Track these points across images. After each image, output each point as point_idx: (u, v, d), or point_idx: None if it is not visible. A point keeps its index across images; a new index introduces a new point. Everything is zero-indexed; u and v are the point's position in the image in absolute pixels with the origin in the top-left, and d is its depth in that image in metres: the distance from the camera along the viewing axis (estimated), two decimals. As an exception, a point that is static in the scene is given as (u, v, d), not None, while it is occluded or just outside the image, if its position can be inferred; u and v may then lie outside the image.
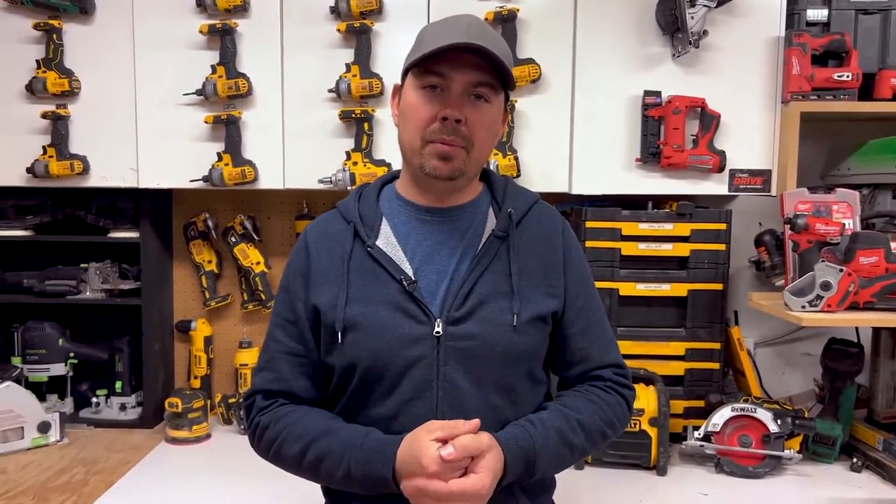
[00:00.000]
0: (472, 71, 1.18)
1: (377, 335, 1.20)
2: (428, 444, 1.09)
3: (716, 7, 1.97)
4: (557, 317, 1.29)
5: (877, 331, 2.16)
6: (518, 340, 1.23)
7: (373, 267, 1.23)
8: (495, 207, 1.31)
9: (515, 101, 2.04)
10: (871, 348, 2.19)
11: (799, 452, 2.02)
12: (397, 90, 1.28)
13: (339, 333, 1.20)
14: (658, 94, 2.03)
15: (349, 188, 2.02)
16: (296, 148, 2.07)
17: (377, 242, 1.25)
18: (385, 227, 1.27)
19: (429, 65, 1.17)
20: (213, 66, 2.03)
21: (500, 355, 1.21)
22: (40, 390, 2.27)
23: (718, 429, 1.98)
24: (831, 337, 2.17)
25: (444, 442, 1.09)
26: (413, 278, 1.22)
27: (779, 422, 1.96)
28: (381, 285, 1.22)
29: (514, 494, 1.23)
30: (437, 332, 1.19)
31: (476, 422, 1.13)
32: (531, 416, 1.24)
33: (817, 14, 2.06)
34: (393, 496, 1.14)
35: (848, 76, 2.01)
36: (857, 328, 2.24)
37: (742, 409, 1.98)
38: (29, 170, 2.07)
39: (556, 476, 1.35)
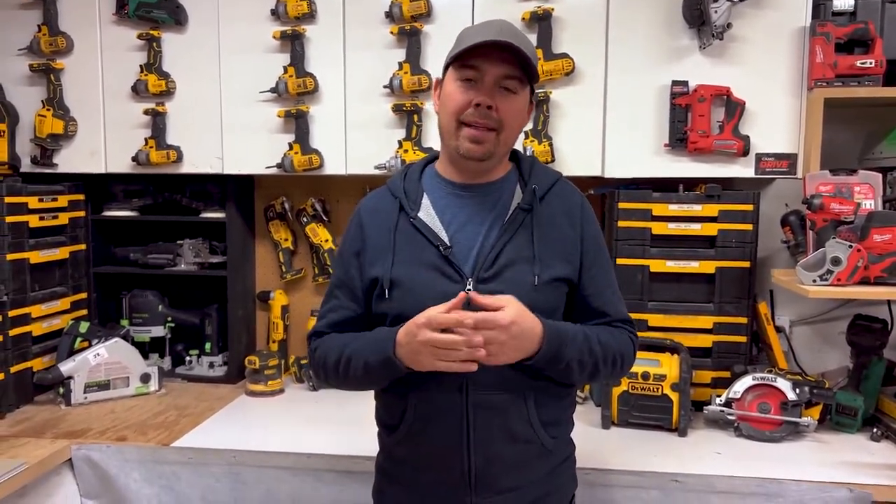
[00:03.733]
0: (503, 65, 1.39)
1: (418, 291, 1.42)
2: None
3: (740, 1, 2.09)
4: (574, 281, 1.48)
5: (907, 308, 2.24)
6: (538, 298, 1.42)
7: (415, 235, 1.46)
8: (522, 184, 1.51)
9: (550, 92, 2.23)
10: (901, 325, 2.26)
11: (821, 422, 2.14)
12: (438, 83, 1.51)
13: (387, 290, 1.44)
14: (685, 83, 2.18)
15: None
16: (356, 138, 2.34)
17: (419, 214, 1.47)
18: (426, 201, 1.50)
19: (466, 60, 1.40)
20: (284, 67, 2.32)
21: None
22: (143, 349, 2.63)
23: (739, 396, 2.12)
24: (857, 313, 2.25)
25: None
26: (448, 244, 1.44)
27: (797, 391, 2.08)
28: (421, 250, 1.45)
29: (533, 426, 1.44)
30: (469, 290, 1.40)
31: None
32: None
33: (843, 4, 2.15)
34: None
35: (871, 63, 2.09)
36: (889, 305, 2.32)
37: (763, 379, 2.11)
38: (134, 158, 2.43)
39: (583, 434, 1.57)
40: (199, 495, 1.99)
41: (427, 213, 1.48)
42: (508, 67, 1.39)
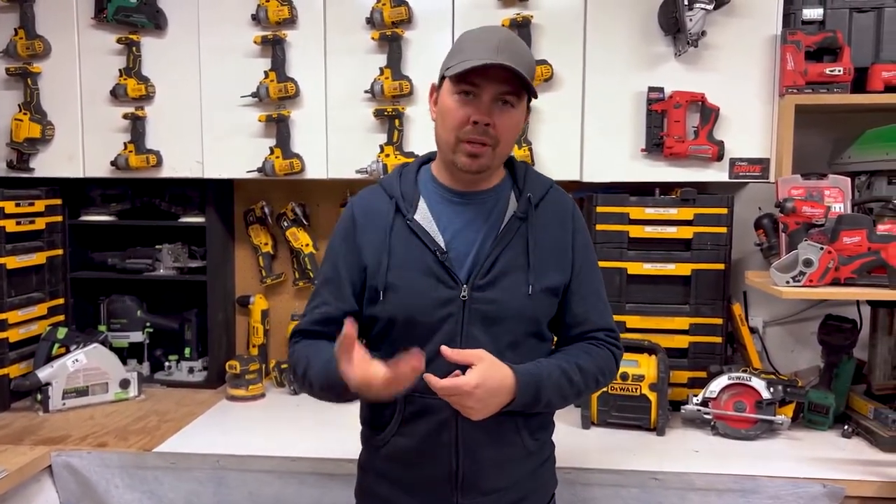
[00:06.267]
0: (500, 83, 1.37)
1: (413, 296, 1.43)
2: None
3: (714, 9, 2.14)
4: (564, 288, 1.50)
5: (875, 308, 2.30)
6: (531, 306, 1.45)
7: (411, 237, 1.46)
8: (516, 192, 1.51)
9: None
10: (869, 325, 2.32)
11: (794, 420, 2.19)
12: (435, 89, 1.47)
13: (381, 293, 1.45)
14: (661, 89, 2.23)
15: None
16: (337, 142, 2.36)
17: (415, 217, 1.47)
18: (422, 204, 1.49)
19: (464, 75, 1.38)
20: (265, 72, 2.33)
21: (515, 318, 1.44)
22: (122, 355, 2.60)
23: (715, 395, 2.16)
24: (828, 313, 2.31)
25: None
26: (445, 249, 1.44)
27: (771, 389, 2.13)
28: (417, 254, 1.45)
29: (519, 431, 1.47)
30: (464, 296, 1.42)
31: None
32: (539, 359, 1.45)
33: (813, 13, 2.21)
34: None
35: (840, 70, 2.16)
36: (858, 306, 2.39)
37: (738, 378, 2.16)
38: (112, 163, 2.41)
39: (563, 434, 1.60)
40: (183, 499, 1.99)
41: (423, 215, 1.47)
42: (506, 85, 1.38)
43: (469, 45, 1.40)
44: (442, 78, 1.44)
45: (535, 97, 1.46)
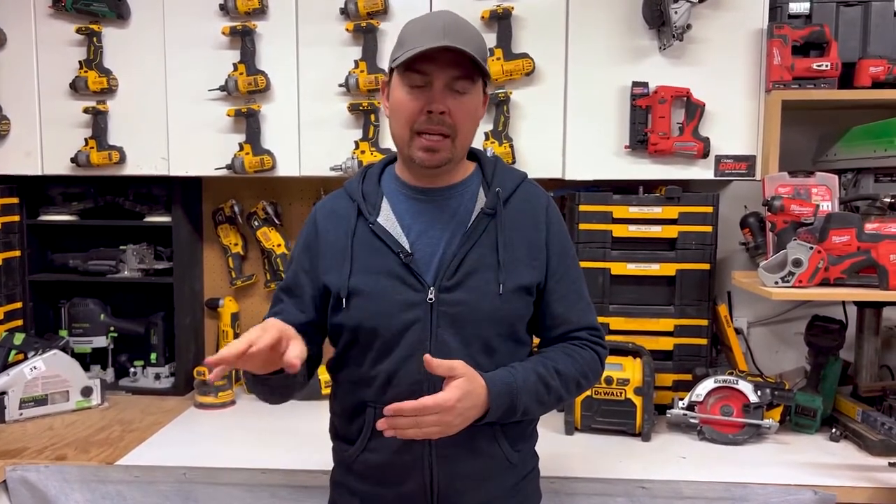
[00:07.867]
0: (451, 68, 1.32)
1: (378, 301, 1.37)
2: None
3: (699, 2, 2.08)
4: (540, 286, 1.44)
5: (861, 309, 2.26)
6: (502, 307, 1.38)
7: (374, 241, 1.39)
8: (485, 186, 1.45)
9: (510, 92, 2.19)
10: (855, 326, 2.28)
11: (781, 423, 2.14)
12: (385, 85, 1.43)
13: (344, 300, 1.38)
14: (645, 84, 2.16)
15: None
16: (310, 138, 2.26)
17: (378, 219, 1.41)
18: (385, 206, 1.43)
19: (411, 64, 1.32)
20: (234, 65, 2.23)
21: (486, 320, 1.37)
22: (84, 361, 2.49)
23: (701, 399, 2.10)
24: (815, 314, 2.27)
25: None
26: (409, 251, 1.37)
27: (759, 393, 2.08)
28: (381, 257, 1.38)
29: (497, 440, 1.40)
30: (431, 299, 1.35)
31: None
32: (513, 363, 1.39)
33: (799, 7, 2.16)
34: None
35: (827, 66, 2.11)
36: (844, 306, 2.34)
37: (724, 381, 2.10)
38: (73, 160, 2.30)
39: (546, 440, 1.55)
40: (147, 516, 1.89)
41: (387, 217, 1.42)
42: (458, 69, 1.32)
43: (413, 34, 1.34)
44: (391, 71, 1.38)
45: (490, 79, 1.40)
